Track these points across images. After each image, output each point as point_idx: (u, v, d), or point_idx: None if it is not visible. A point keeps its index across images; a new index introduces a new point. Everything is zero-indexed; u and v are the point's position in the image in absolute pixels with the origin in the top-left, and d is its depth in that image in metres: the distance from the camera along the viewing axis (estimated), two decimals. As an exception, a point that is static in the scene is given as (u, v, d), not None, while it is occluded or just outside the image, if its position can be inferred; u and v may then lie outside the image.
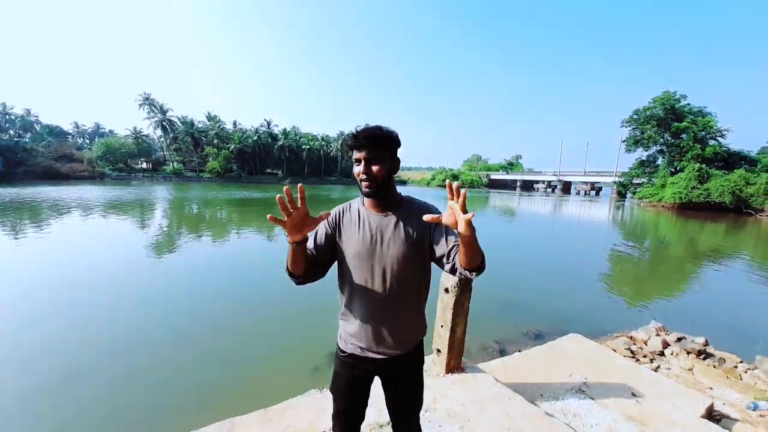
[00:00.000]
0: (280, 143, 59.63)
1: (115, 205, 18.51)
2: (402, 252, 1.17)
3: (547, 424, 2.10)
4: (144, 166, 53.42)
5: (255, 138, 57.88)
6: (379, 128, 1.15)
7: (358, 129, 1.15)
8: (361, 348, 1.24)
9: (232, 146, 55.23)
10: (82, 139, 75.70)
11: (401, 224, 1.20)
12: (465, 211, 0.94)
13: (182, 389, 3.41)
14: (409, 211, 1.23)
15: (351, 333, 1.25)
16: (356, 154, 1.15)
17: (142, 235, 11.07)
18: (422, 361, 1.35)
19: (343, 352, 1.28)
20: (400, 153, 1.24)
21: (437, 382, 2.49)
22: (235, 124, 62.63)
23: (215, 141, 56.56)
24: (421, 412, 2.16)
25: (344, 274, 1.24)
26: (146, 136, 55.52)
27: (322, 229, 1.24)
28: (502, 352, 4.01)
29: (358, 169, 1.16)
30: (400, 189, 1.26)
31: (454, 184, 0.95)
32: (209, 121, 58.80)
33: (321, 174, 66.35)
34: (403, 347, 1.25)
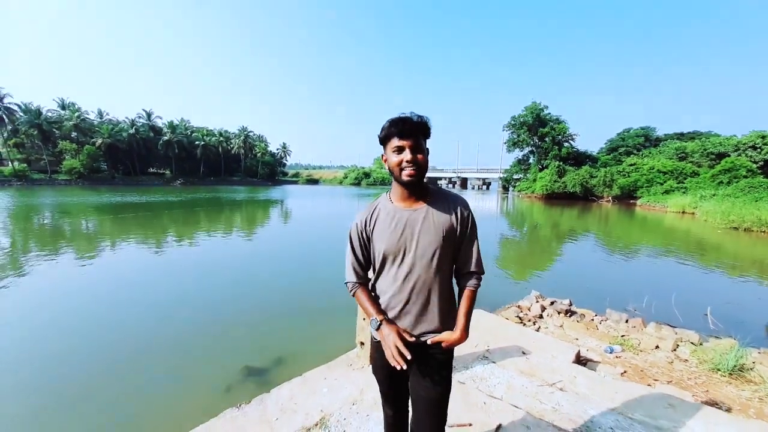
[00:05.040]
0: (166, 138, 51.54)
1: None
2: (431, 246, 1.19)
3: (462, 391, 2.34)
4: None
5: (131, 131, 48.76)
6: (420, 117, 1.15)
7: (401, 117, 1.14)
8: None
9: (100, 140, 45.48)
10: None
11: (431, 218, 1.20)
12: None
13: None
14: (438, 203, 1.23)
15: None
16: (397, 142, 1.13)
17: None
18: (450, 352, 1.29)
19: (376, 339, 1.31)
20: (311, 153, 1.20)
21: (362, 374, 2.51)
22: (101, 113, 51.63)
23: (73, 134, 45.73)
24: (349, 405, 2.16)
25: (378, 269, 1.27)
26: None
27: (356, 242, 1.28)
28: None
29: (400, 157, 1.14)
30: (312, 188, 1.23)
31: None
32: (64, 109, 47.05)
33: (221, 173, 59.92)
34: (430, 335, 1.24)
